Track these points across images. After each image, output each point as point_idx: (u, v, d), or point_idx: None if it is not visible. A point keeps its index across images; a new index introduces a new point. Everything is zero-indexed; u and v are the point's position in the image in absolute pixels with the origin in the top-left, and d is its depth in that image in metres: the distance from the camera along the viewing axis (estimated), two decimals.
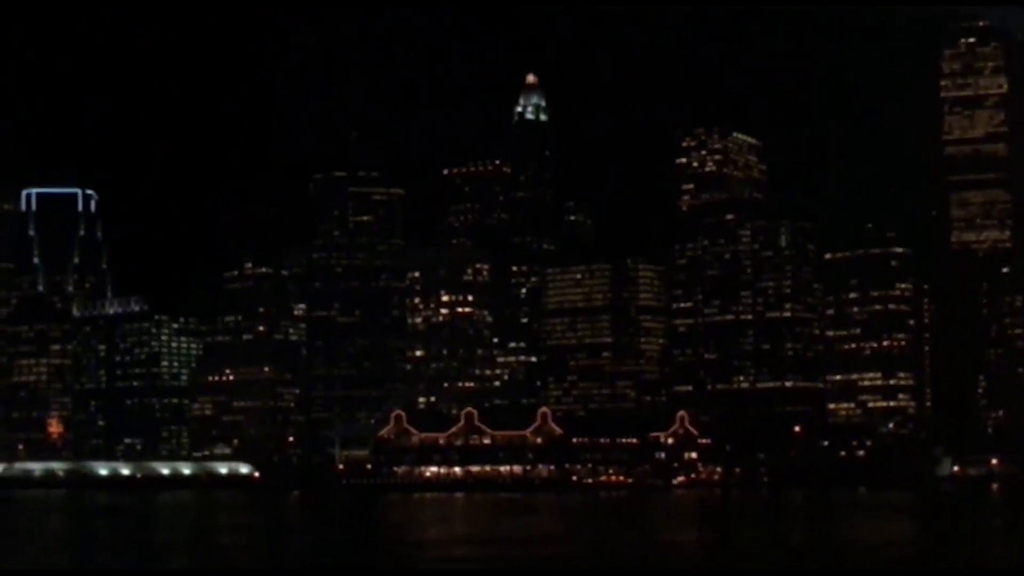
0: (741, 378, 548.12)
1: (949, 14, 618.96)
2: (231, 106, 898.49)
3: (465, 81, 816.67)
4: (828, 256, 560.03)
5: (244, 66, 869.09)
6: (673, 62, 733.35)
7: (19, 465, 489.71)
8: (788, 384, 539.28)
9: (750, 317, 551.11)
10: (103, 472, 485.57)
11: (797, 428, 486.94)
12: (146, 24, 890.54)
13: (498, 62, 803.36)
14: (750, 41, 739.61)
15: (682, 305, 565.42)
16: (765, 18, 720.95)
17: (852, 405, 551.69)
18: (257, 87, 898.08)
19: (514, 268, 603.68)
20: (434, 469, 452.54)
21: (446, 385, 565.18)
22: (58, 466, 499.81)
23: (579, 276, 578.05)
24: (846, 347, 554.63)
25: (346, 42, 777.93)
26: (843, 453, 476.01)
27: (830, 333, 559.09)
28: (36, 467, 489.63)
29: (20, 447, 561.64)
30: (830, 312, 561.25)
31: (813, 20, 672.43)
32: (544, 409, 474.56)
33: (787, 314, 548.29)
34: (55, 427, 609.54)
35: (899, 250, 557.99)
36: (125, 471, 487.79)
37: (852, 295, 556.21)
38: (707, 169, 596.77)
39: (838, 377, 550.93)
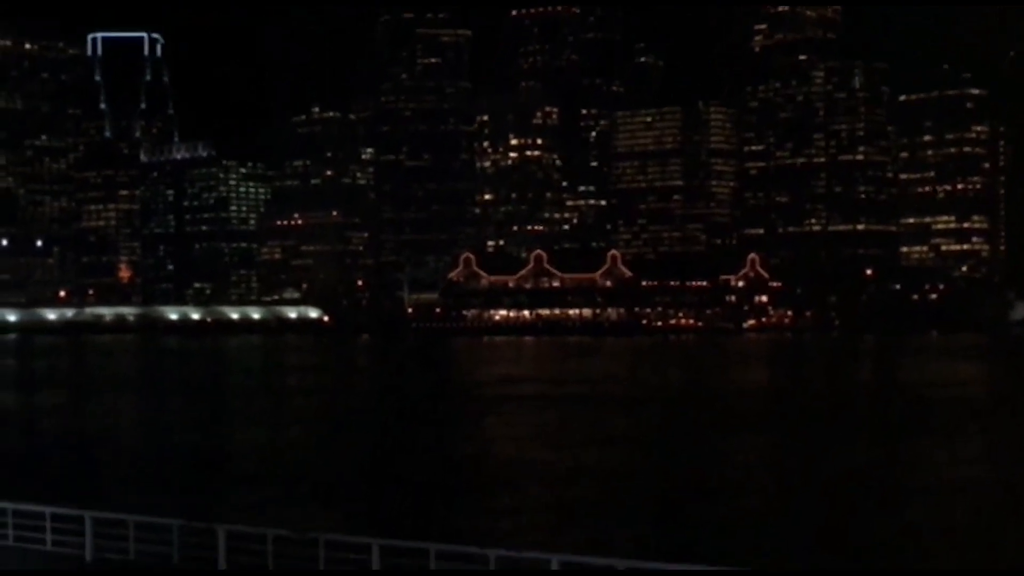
0: (813, 221, 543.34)
1: None
2: None
3: None
4: (902, 98, 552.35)
5: None
6: None
7: (89, 310, 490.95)
8: (860, 227, 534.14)
9: (822, 160, 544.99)
10: (173, 316, 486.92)
11: (869, 271, 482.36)
12: None
13: None
14: None
15: (753, 148, 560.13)
16: None
17: (925, 248, 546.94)
18: None
19: (583, 111, 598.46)
20: (503, 312, 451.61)
21: (515, 228, 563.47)
22: (128, 310, 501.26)
23: (649, 119, 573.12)
24: (919, 190, 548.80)
25: None
26: (915, 296, 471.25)
27: (903, 176, 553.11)
28: (106, 311, 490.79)
29: (90, 292, 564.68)
30: (903, 155, 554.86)
31: None
32: (614, 252, 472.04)
33: (860, 157, 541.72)
34: (125, 272, 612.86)
35: (975, 91, 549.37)
36: (195, 315, 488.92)
37: (926, 137, 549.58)
38: (780, 8, 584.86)
39: (911, 220, 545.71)
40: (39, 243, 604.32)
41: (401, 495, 65.40)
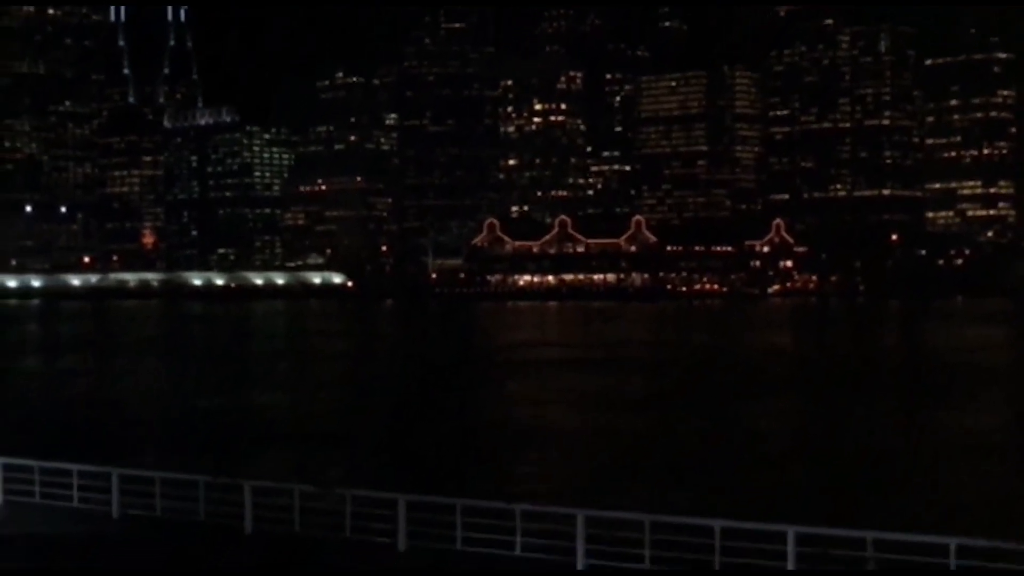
0: (838, 186, 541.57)
1: None
2: None
3: None
4: (928, 62, 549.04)
5: None
6: None
7: (114, 276, 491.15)
8: (886, 192, 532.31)
9: (848, 124, 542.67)
10: (197, 282, 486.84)
11: (894, 236, 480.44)
12: None
13: None
14: None
15: (779, 112, 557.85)
16: None
17: (951, 213, 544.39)
18: None
19: (608, 76, 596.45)
20: (527, 277, 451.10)
21: (539, 193, 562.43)
22: (152, 276, 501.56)
23: (674, 83, 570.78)
24: (945, 155, 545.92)
25: None
26: (941, 262, 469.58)
27: (929, 141, 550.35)
28: (131, 277, 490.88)
29: (114, 258, 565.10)
30: (930, 119, 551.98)
31: None
32: (638, 217, 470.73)
33: (886, 121, 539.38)
34: (149, 238, 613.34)
35: (1002, 55, 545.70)
36: (219, 281, 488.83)
37: (953, 102, 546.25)
38: None
39: (937, 185, 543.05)
40: (63, 209, 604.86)
41: (425, 456, 65.09)
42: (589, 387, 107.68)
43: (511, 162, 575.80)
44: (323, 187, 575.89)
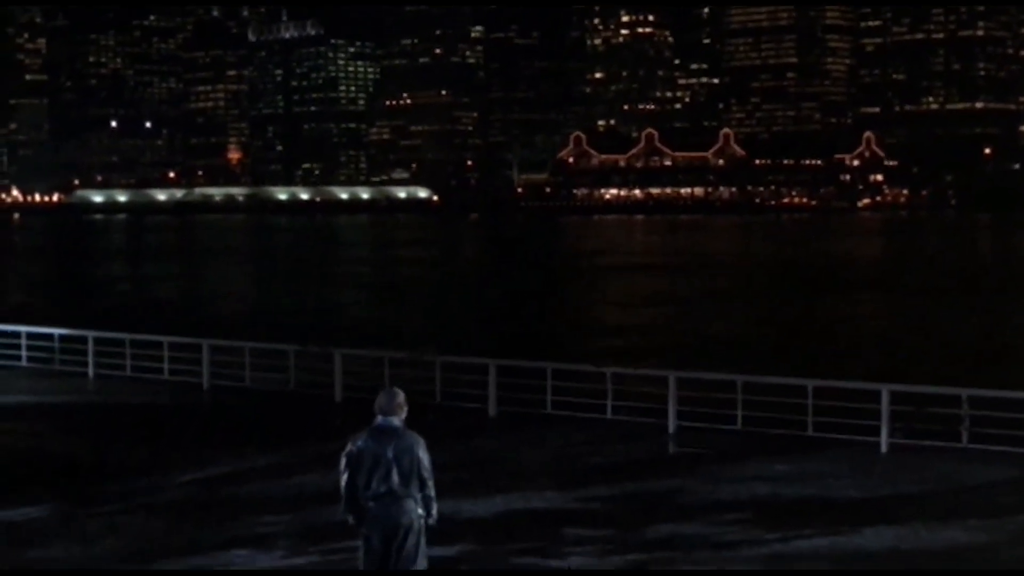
0: (930, 99, 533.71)
1: None
2: None
3: None
4: None
5: None
6: None
7: (199, 190, 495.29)
8: (979, 105, 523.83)
9: (941, 36, 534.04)
10: (282, 196, 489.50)
11: (987, 150, 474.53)
12: None
13: None
14: None
15: (870, 23, 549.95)
16: None
17: None
18: None
19: None
20: (614, 191, 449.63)
21: (626, 107, 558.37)
22: (238, 191, 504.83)
23: None
24: None
25: None
26: None
27: None
28: (216, 192, 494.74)
29: (199, 173, 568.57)
30: None
31: None
32: (726, 130, 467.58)
33: (980, 32, 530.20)
34: (234, 153, 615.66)
35: None
36: (304, 195, 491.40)
37: None
38: None
39: None
40: (148, 124, 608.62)
41: (512, 335, 65.14)
42: (676, 287, 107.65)
43: (597, 75, 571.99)
44: (408, 101, 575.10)
